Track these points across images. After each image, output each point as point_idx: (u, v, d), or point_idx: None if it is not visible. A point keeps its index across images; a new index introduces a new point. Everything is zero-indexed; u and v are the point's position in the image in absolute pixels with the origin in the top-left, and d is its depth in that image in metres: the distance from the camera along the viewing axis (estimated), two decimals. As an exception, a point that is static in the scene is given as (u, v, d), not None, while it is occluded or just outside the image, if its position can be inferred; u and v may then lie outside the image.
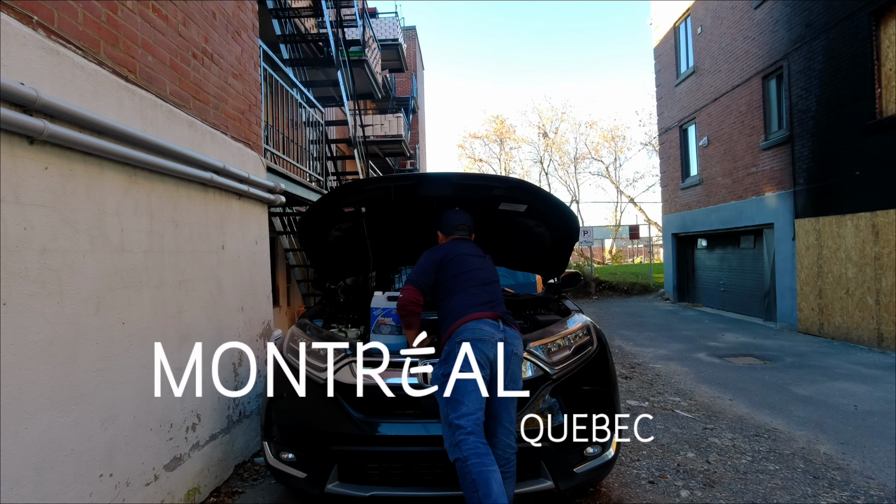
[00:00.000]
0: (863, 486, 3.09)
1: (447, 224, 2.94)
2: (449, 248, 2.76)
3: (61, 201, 2.04)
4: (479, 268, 2.70)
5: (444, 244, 2.85)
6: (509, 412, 2.34)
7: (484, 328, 2.38)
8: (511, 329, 2.47)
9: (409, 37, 20.97)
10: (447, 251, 2.73)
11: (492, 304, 2.54)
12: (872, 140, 7.09)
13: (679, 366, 6.48)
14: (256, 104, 4.18)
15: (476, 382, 2.27)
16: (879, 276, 7.03)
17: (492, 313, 2.46)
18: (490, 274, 2.74)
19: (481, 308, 2.47)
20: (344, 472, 2.42)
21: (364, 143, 9.34)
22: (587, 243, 17.83)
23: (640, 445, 3.77)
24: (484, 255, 2.87)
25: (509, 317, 2.56)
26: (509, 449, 2.31)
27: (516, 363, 2.40)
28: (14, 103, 1.80)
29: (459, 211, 2.98)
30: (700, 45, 12.14)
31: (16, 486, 1.79)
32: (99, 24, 2.33)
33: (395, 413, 2.51)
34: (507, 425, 2.32)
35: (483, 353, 2.32)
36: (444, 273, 2.66)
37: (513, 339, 2.42)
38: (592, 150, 31.83)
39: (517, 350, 2.42)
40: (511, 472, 2.30)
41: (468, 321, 2.41)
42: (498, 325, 2.43)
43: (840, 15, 7.62)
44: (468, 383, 2.27)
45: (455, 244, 2.82)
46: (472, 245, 2.89)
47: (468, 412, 2.22)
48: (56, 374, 1.98)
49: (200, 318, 3.06)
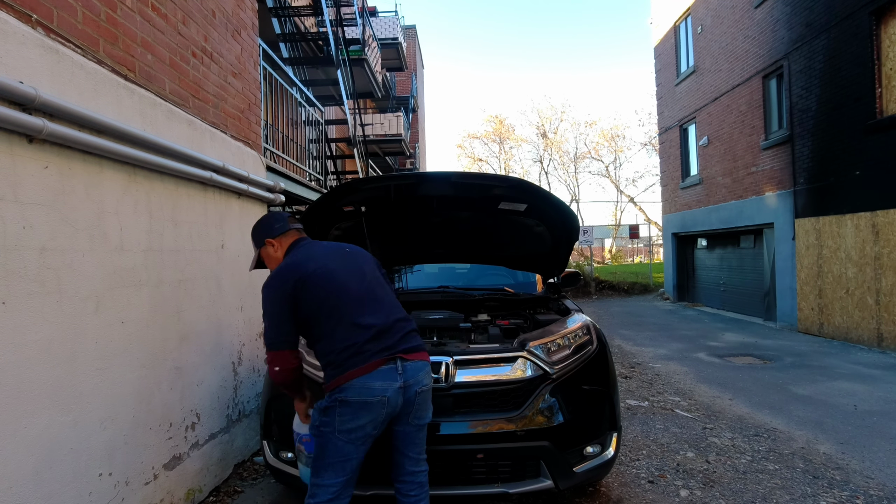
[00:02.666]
0: (862, 486, 3.09)
1: (267, 227, 2.18)
2: (293, 269, 1.97)
3: (60, 200, 2.03)
4: (348, 281, 1.99)
5: (282, 265, 2.03)
6: (415, 444, 2.05)
7: (373, 386, 1.87)
8: (413, 361, 1.98)
9: (409, 36, 20.95)
10: (292, 274, 1.95)
11: (381, 335, 1.93)
12: (872, 140, 7.09)
13: (679, 365, 6.48)
14: (256, 103, 4.18)
15: (352, 452, 1.88)
16: (879, 276, 7.03)
17: (382, 359, 1.90)
18: (367, 280, 2.05)
19: (369, 350, 1.90)
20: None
21: (364, 142, 9.33)
22: (587, 243, 17.83)
23: (639, 445, 3.77)
24: (349, 248, 2.15)
25: (411, 336, 2.04)
26: (420, 475, 2.08)
27: (422, 399, 2.01)
28: (13, 102, 1.79)
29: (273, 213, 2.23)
30: (700, 44, 12.13)
31: (15, 486, 1.79)
32: (98, 23, 2.33)
33: None
34: (413, 455, 2.05)
35: (369, 420, 1.88)
36: (303, 310, 1.94)
37: (414, 377, 1.96)
38: (592, 150, 31.90)
39: (421, 388, 1.99)
40: (425, 494, 2.08)
41: (353, 378, 1.86)
42: (395, 369, 1.92)
43: (840, 14, 7.62)
44: (339, 450, 1.87)
45: (298, 255, 2.05)
46: (323, 244, 2.16)
47: (326, 484, 1.87)
48: (55, 373, 1.97)
49: (200, 317, 3.06)
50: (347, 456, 1.88)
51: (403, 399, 1.95)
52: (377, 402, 1.88)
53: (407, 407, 1.97)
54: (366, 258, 2.17)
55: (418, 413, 2.02)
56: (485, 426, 2.41)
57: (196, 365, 2.98)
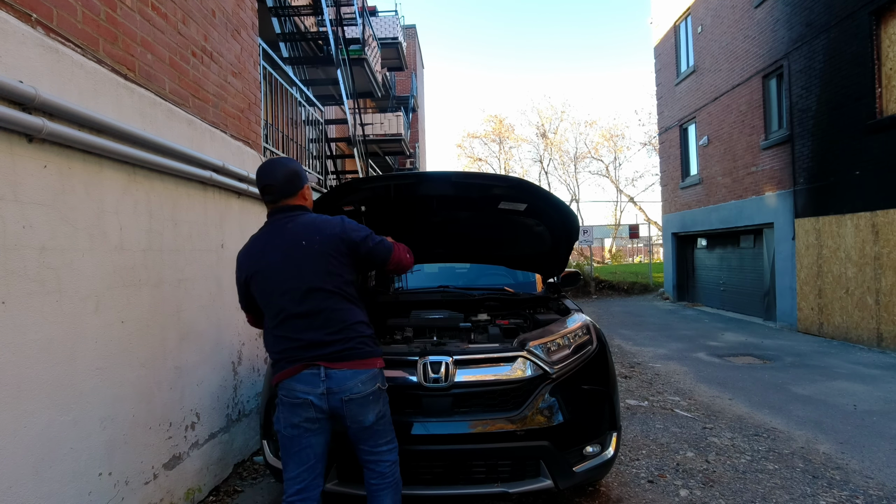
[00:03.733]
0: (862, 486, 3.09)
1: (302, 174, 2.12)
2: (245, 262, 2.05)
3: (60, 200, 2.03)
4: (283, 283, 1.96)
5: (242, 249, 2.09)
6: (367, 439, 2.05)
7: (295, 387, 1.94)
8: (340, 370, 1.95)
9: (409, 35, 20.94)
10: (243, 269, 2.05)
11: (309, 346, 1.94)
12: (872, 139, 7.09)
13: (678, 365, 6.48)
14: (256, 102, 4.18)
15: (300, 442, 1.96)
16: (879, 276, 7.03)
17: (302, 365, 1.93)
18: (302, 276, 1.95)
19: (296, 355, 1.95)
20: (343, 471, 2.42)
21: (364, 141, 9.33)
22: (587, 242, 17.82)
23: (639, 445, 3.78)
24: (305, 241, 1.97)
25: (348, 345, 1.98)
26: (381, 464, 2.07)
27: (354, 406, 1.97)
28: (13, 101, 1.79)
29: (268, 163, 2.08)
30: (700, 44, 12.13)
31: (15, 485, 1.79)
32: (98, 22, 2.33)
33: (394, 412, 2.50)
34: (367, 448, 2.06)
35: (302, 416, 1.95)
36: (255, 299, 2.06)
37: (340, 386, 1.94)
38: (592, 150, 31.86)
39: (347, 396, 1.95)
40: (387, 483, 2.07)
41: (282, 379, 1.98)
42: (318, 374, 1.93)
43: (841, 14, 7.62)
44: (291, 442, 1.97)
45: (254, 242, 2.06)
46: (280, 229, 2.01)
47: (292, 476, 1.97)
48: (55, 372, 1.98)
49: (200, 316, 3.06)
50: (300, 445, 1.97)
51: (328, 405, 1.95)
52: (301, 402, 1.95)
53: (336, 412, 1.97)
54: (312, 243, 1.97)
55: (354, 418, 1.99)
56: (484, 426, 2.41)
57: (196, 364, 2.98)
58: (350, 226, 2.05)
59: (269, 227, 2.05)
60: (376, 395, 2.03)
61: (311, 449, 1.99)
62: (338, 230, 2.01)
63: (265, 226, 2.07)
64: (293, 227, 2.00)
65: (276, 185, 2.03)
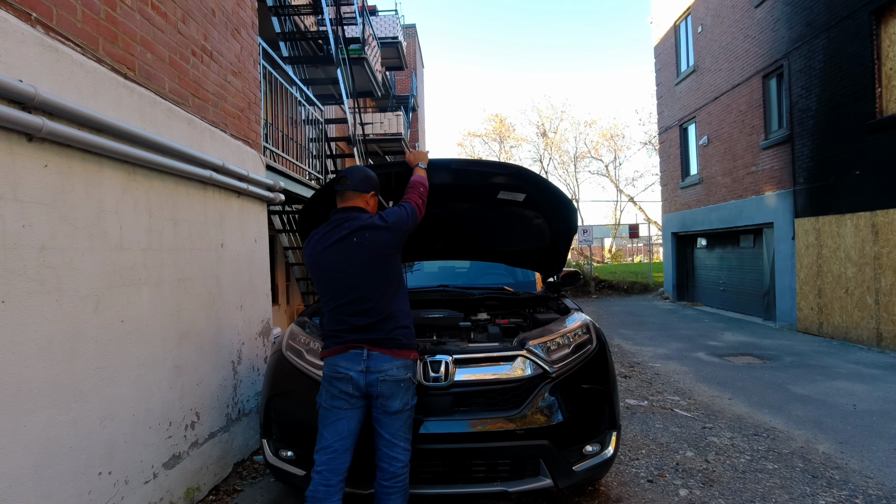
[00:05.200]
0: (861, 486, 3.09)
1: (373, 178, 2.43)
2: (311, 249, 2.31)
3: (60, 199, 2.03)
4: (336, 277, 2.24)
5: (309, 237, 2.37)
6: (389, 426, 2.22)
7: (339, 364, 2.21)
8: (381, 353, 2.21)
9: (409, 35, 20.91)
10: (307, 252, 2.34)
11: (355, 330, 2.22)
12: (872, 139, 7.09)
13: (678, 365, 6.48)
14: (256, 102, 4.17)
15: (337, 413, 2.20)
16: (879, 276, 7.03)
17: (346, 346, 2.22)
18: (352, 276, 2.22)
19: (344, 339, 2.23)
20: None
21: (364, 141, 9.33)
22: (587, 242, 17.81)
23: (639, 444, 3.78)
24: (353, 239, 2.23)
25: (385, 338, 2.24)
26: (395, 462, 2.20)
27: (386, 387, 2.20)
28: (12, 100, 1.79)
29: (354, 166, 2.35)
30: (700, 43, 12.12)
31: (14, 484, 1.79)
32: (98, 22, 2.33)
33: None
34: (387, 437, 2.21)
35: (339, 389, 2.20)
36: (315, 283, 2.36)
37: (378, 366, 2.19)
38: (592, 149, 31.84)
39: (384, 376, 2.19)
40: (398, 487, 2.20)
41: (327, 357, 2.27)
42: (361, 355, 2.20)
43: (841, 14, 7.61)
44: (329, 413, 2.22)
45: (319, 237, 2.31)
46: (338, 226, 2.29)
47: (324, 445, 2.19)
48: (55, 371, 1.98)
49: (199, 316, 3.06)
50: (337, 416, 2.20)
51: (365, 382, 2.19)
52: (342, 377, 2.20)
53: (371, 389, 2.20)
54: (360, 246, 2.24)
55: (384, 399, 2.21)
56: (484, 425, 2.41)
57: (196, 364, 2.98)
58: (392, 218, 2.29)
59: (329, 224, 2.33)
60: (407, 384, 2.25)
61: (346, 421, 2.20)
62: (383, 225, 2.27)
63: (327, 223, 2.34)
64: (349, 226, 2.26)
65: (352, 178, 2.34)
